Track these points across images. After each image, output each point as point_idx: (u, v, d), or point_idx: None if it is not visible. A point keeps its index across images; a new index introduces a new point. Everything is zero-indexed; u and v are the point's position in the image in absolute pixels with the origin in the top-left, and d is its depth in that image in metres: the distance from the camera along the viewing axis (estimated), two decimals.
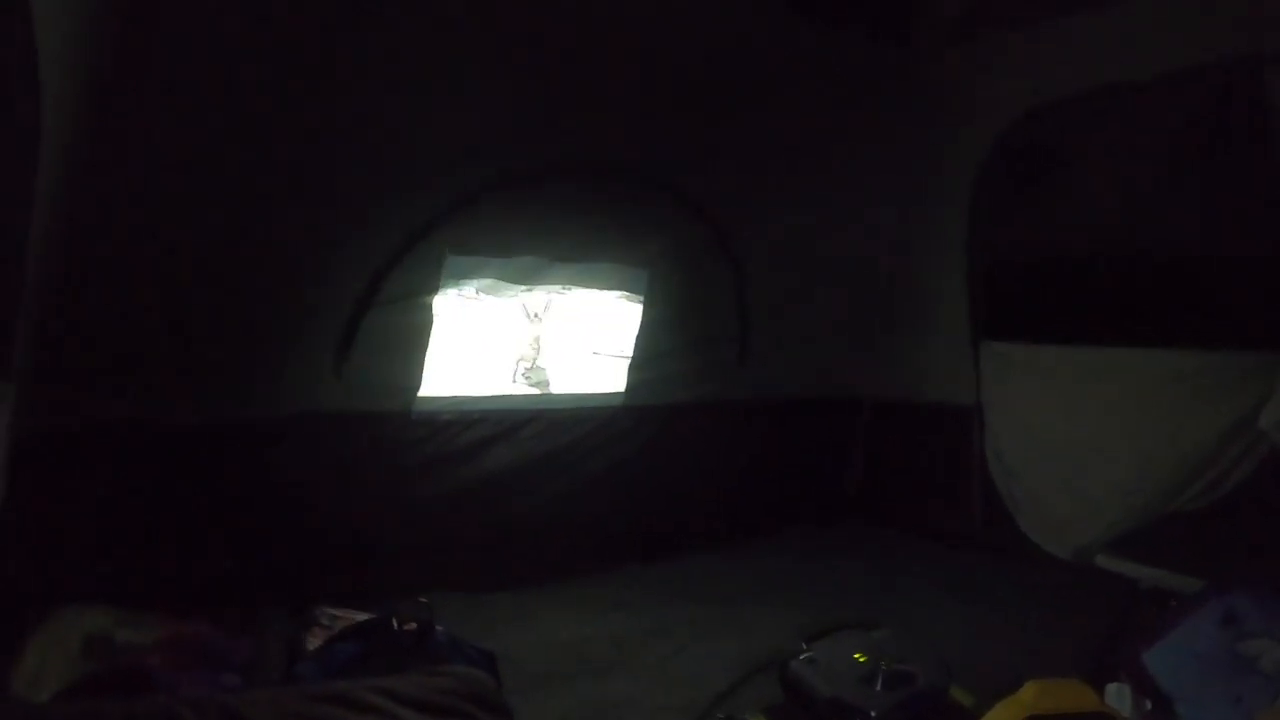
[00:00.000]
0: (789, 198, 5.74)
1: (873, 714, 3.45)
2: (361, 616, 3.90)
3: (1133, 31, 4.90)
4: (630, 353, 5.73)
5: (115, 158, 3.62)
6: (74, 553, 3.92)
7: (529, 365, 5.50)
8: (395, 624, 3.66)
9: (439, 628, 3.68)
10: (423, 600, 3.81)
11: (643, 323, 5.67)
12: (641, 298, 5.63)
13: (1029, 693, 3.20)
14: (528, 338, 5.48)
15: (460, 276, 4.97)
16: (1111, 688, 3.59)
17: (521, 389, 5.48)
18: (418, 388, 4.94)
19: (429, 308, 4.83)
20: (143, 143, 3.68)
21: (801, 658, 3.77)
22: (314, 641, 3.82)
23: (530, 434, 5.38)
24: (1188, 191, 5.24)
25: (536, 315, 5.43)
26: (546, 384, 5.55)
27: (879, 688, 3.58)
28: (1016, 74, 5.49)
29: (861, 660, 3.72)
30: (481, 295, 5.16)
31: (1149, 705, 3.54)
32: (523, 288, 5.28)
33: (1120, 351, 5.38)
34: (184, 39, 3.57)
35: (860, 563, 5.88)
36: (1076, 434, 5.55)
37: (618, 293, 5.62)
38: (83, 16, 3.13)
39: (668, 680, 4.13)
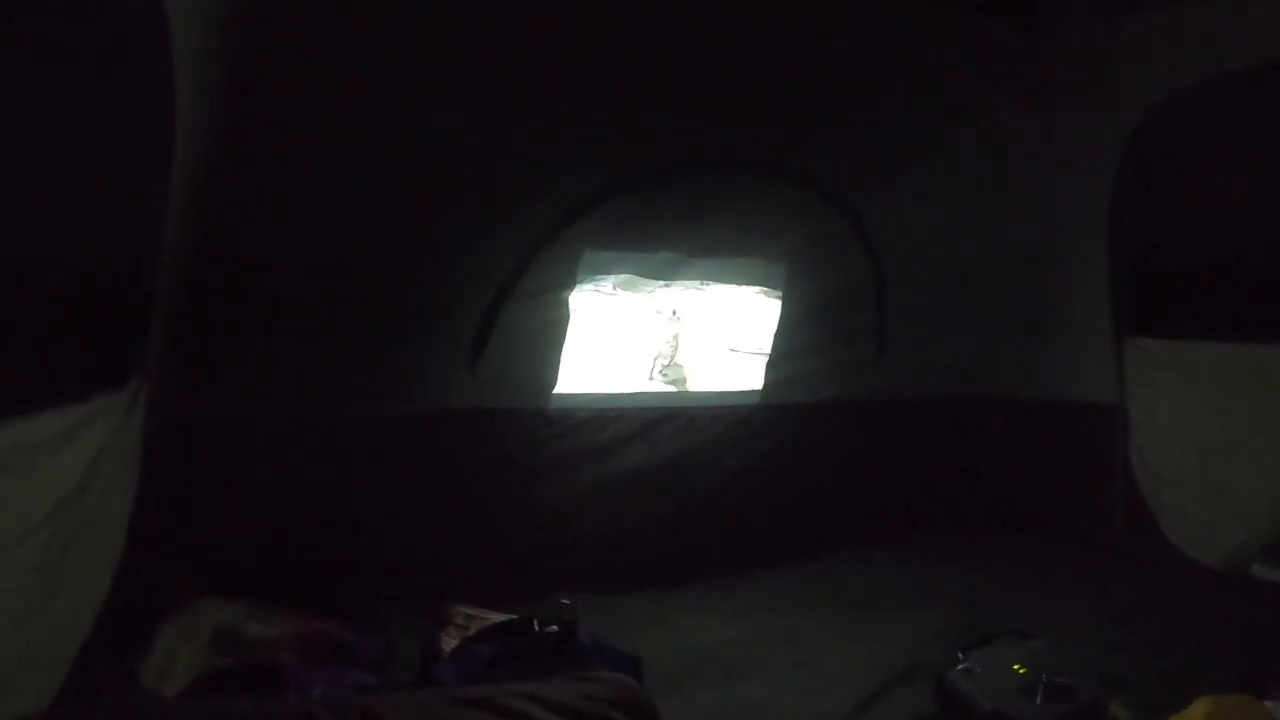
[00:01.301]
0: (927, 190, 5.58)
1: None
2: (498, 616, 3.83)
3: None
4: (768, 349, 5.63)
5: (249, 160, 3.62)
6: (204, 547, 3.88)
7: (666, 362, 5.43)
8: (536, 625, 3.57)
9: (581, 630, 3.59)
10: (565, 601, 3.70)
11: (780, 318, 5.59)
12: (780, 293, 5.52)
13: (1200, 710, 2.99)
14: (666, 335, 5.41)
15: (597, 272, 4.96)
16: (1267, 705, 3.37)
17: (659, 386, 5.41)
18: (554, 384, 4.92)
19: (565, 303, 4.80)
20: (277, 145, 3.68)
21: (959, 668, 3.60)
22: (449, 641, 3.74)
23: (666, 433, 5.31)
24: None
25: (675, 313, 5.34)
26: (684, 381, 5.49)
27: (1040, 701, 3.40)
28: (1157, 56, 5.24)
29: (1021, 671, 3.54)
30: (619, 291, 5.09)
31: None
32: (660, 283, 5.20)
33: (1275, 348, 5.10)
34: (319, 46, 3.55)
35: (997, 569, 5.70)
36: (1227, 434, 5.29)
37: (756, 288, 5.50)
38: (221, 14, 3.10)
39: (804, 686, 4.03)
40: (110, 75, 2.55)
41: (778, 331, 5.60)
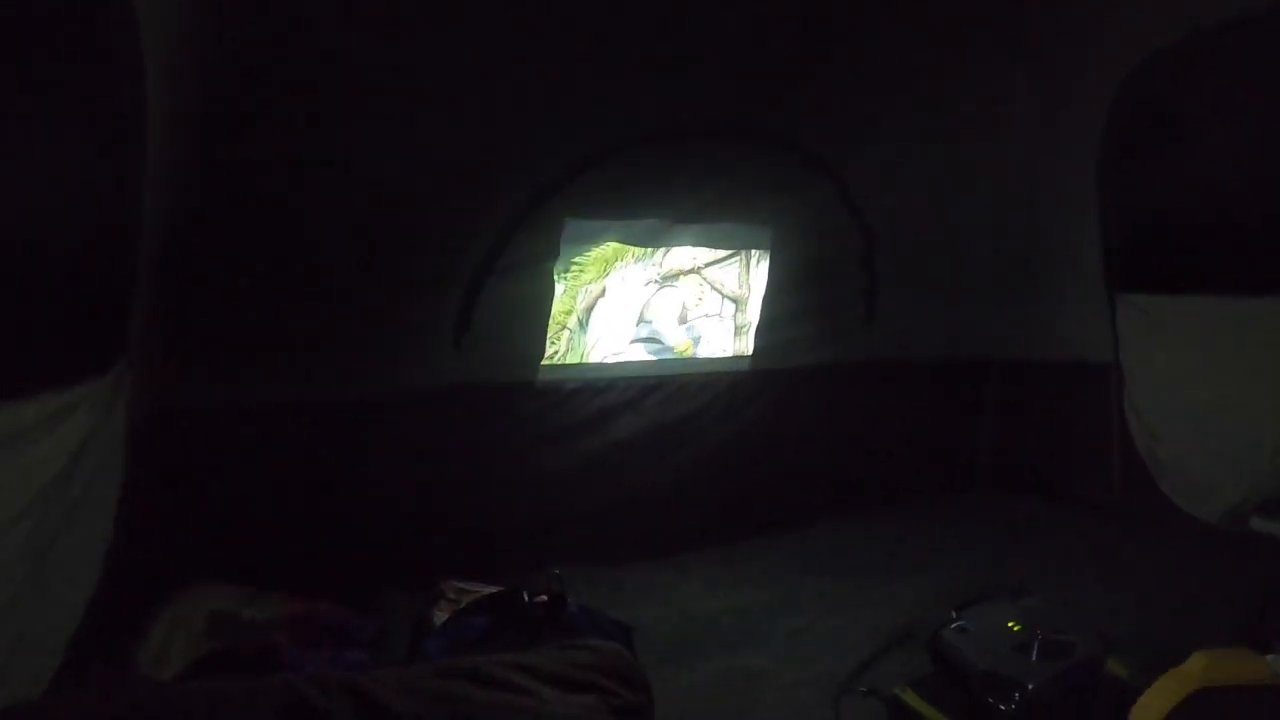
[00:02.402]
0: (914, 152, 5.54)
1: (1029, 686, 3.26)
2: (489, 590, 3.82)
3: None
4: (756, 315, 5.63)
5: (230, 143, 3.61)
6: (199, 532, 3.89)
7: (650, 331, 5.42)
8: (526, 596, 3.57)
9: (571, 600, 3.59)
10: (554, 571, 3.70)
11: (768, 284, 5.57)
12: (766, 257, 5.52)
13: (1197, 664, 2.98)
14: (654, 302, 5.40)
15: (580, 241, 4.93)
16: (1268, 659, 3.36)
17: (646, 355, 5.41)
18: (540, 357, 4.90)
19: (549, 274, 4.78)
20: (259, 128, 3.67)
21: (952, 627, 3.60)
22: (440, 616, 3.75)
23: (656, 401, 5.30)
24: None
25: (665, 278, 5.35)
26: (671, 350, 5.48)
27: (1035, 658, 3.39)
28: (1144, 10, 5.17)
29: (1015, 629, 3.54)
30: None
31: None
32: (645, 251, 5.20)
33: (1268, 301, 5.05)
34: (298, 18, 3.52)
35: (995, 531, 5.70)
36: (1222, 389, 5.25)
37: (743, 252, 5.56)
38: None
39: (801, 653, 4.04)
40: (76, 56, 2.54)
41: (765, 296, 5.59)
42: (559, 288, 4.90)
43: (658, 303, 5.50)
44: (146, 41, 2.68)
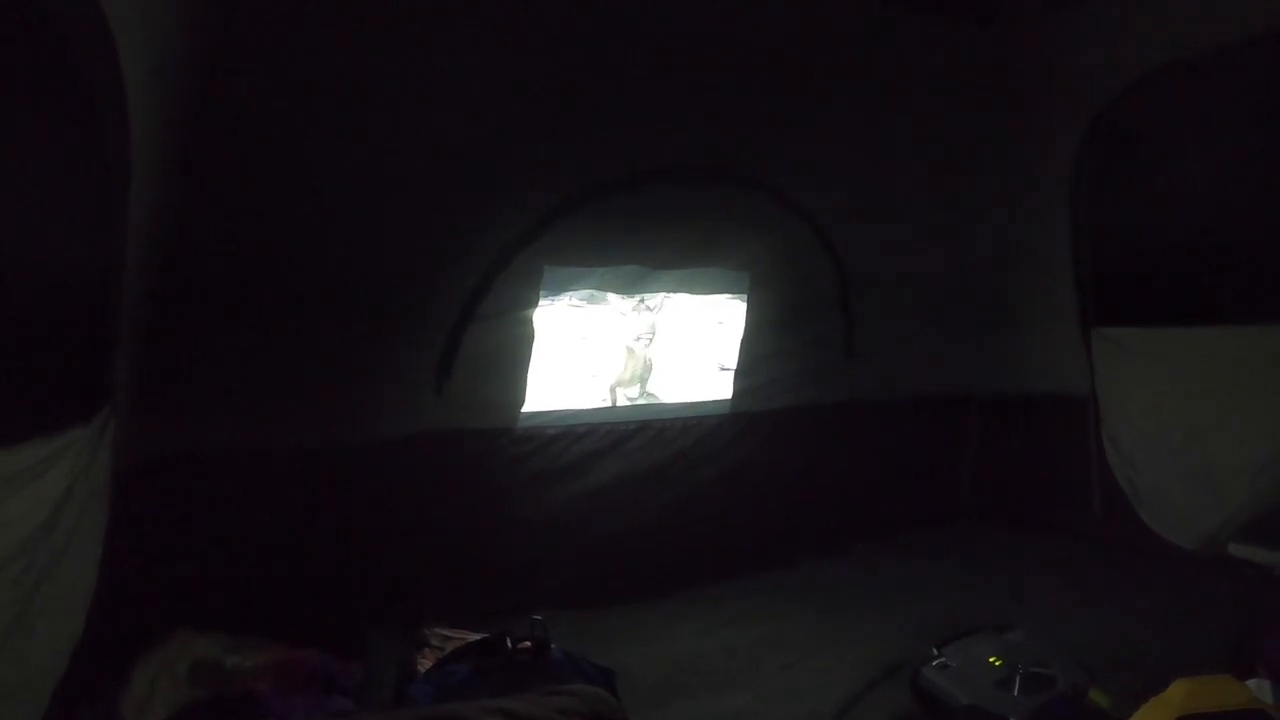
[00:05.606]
0: (887, 192, 5.61)
1: None
2: (473, 636, 3.82)
3: None
4: (735, 358, 5.66)
5: (211, 187, 3.64)
6: (182, 580, 3.88)
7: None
8: (509, 643, 3.57)
9: (554, 645, 3.59)
10: (537, 618, 3.70)
11: (746, 326, 5.60)
12: (745, 300, 5.56)
13: (1178, 691, 3.00)
14: (637, 331, 5.41)
15: (560, 289, 4.95)
16: (1250, 684, 3.38)
17: (627, 400, 5.42)
18: (521, 403, 4.91)
19: (529, 322, 4.80)
20: (243, 170, 3.70)
21: (934, 664, 3.63)
22: (425, 663, 3.74)
23: (638, 445, 5.31)
24: None
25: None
26: (653, 395, 5.50)
27: (1017, 692, 3.42)
28: (1109, 47, 5.27)
29: (997, 664, 3.56)
30: (584, 305, 5.12)
31: None
32: (622, 296, 5.23)
33: (1238, 329, 5.15)
34: (277, 63, 3.57)
35: (978, 563, 5.72)
36: (1196, 417, 5.31)
37: (722, 295, 5.58)
38: (170, 36, 3.09)
39: (788, 691, 4.03)
40: (56, 92, 2.54)
41: (744, 339, 5.61)
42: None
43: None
44: (128, 75, 2.69)
